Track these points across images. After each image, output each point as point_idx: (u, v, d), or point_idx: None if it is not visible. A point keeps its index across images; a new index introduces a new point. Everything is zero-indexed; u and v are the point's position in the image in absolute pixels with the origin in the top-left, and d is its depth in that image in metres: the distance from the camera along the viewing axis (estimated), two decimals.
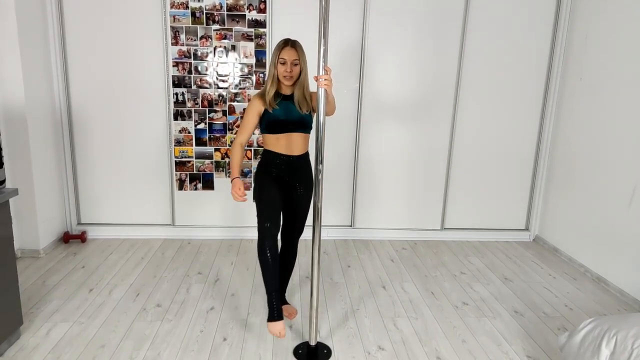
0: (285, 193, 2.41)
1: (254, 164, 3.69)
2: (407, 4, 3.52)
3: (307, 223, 3.72)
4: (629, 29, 3.01)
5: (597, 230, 3.26)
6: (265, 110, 2.33)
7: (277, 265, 2.28)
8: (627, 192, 2.98)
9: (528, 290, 3.05)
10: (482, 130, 3.79)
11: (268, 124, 2.34)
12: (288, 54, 2.26)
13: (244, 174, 3.72)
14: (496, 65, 3.67)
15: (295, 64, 2.28)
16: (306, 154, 2.46)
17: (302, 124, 2.37)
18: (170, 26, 3.43)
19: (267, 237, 2.24)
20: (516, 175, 3.92)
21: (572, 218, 3.55)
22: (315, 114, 2.40)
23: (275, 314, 2.25)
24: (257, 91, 2.57)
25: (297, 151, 2.38)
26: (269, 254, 2.23)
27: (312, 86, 2.37)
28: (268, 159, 2.40)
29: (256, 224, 2.40)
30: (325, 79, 2.01)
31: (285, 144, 2.36)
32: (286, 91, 2.37)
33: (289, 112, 2.34)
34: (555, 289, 3.09)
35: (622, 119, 3.05)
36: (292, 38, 2.33)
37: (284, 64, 2.27)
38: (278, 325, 2.24)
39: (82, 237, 3.60)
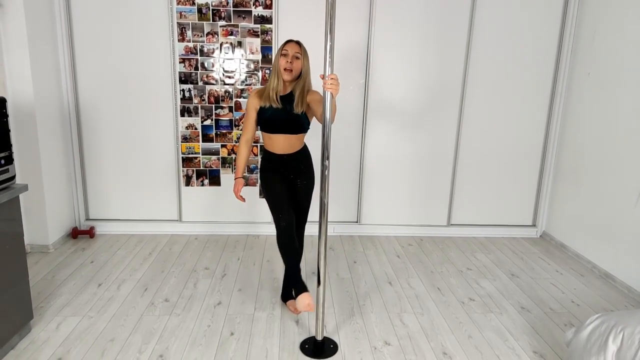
0: (288, 185, 2.49)
1: (260, 160, 3.70)
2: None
3: (313, 219, 3.77)
4: (638, 23, 2.98)
5: (605, 227, 3.24)
6: (261, 108, 2.38)
7: (296, 246, 2.40)
8: (635, 188, 2.96)
9: (535, 286, 3.05)
10: (489, 126, 3.77)
11: (262, 122, 2.41)
12: (290, 47, 2.32)
13: (250, 170, 3.73)
14: (503, 61, 3.65)
15: (297, 57, 2.32)
16: (302, 149, 2.51)
17: (296, 126, 2.39)
18: (177, 22, 3.44)
19: (283, 225, 2.35)
20: (523, 171, 3.90)
21: (579, 214, 3.53)
22: (306, 112, 2.40)
23: (303, 287, 2.35)
24: (256, 88, 2.63)
25: (290, 150, 2.45)
26: (287, 241, 2.36)
27: (317, 86, 2.36)
28: (266, 156, 2.50)
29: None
30: (332, 78, 1.97)
31: (278, 143, 2.42)
32: (283, 90, 2.38)
33: (283, 112, 2.36)
34: (562, 285, 3.08)
35: (631, 114, 3.02)
36: (297, 39, 2.38)
37: (285, 55, 2.31)
38: (307, 298, 2.28)
39: (90, 233, 3.63)
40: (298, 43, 2.35)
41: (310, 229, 3.80)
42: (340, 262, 3.35)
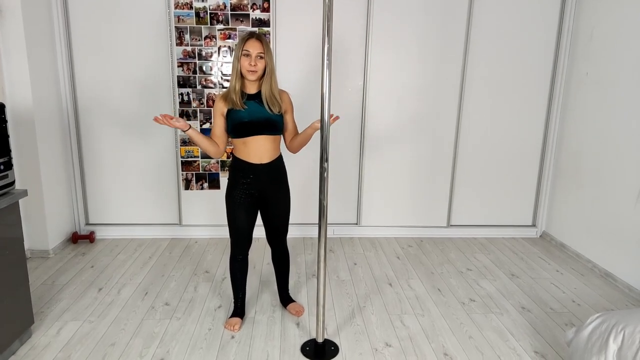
0: (257, 205, 2.39)
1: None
2: (411, 0, 3.51)
3: (313, 221, 3.77)
4: (635, 23, 2.99)
5: (605, 226, 3.24)
6: (229, 111, 2.21)
7: (244, 278, 2.54)
8: (634, 187, 2.97)
9: (535, 286, 3.05)
10: (488, 126, 3.78)
11: (233, 126, 2.22)
12: (252, 46, 2.14)
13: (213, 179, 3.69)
14: (502, 61, 3.66)
15: (260, 57, 2.15)
16: (277, 160, 2.36)
17: (270, 126, 2.23)
18: (175, 26, 3.45)
19: (237, 255, 2.46)
20: (522, 171, 3.90)
21: (579, 214, 3.54)
22: (282, 114, 2.31)
23: (238, 311, 2.54)
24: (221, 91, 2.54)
25: (266, 158, 2.28)
26: (237, 270, 2.49)
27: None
28: (236, 166, 2.31)
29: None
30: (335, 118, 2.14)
31: (252, 149, 2.25)
32: (251, 89, 2.23)
33: (255, 112, 2.21)
34: (562, 285, 3.09)
35: (629, 114, 3.03)
36: (257, 33, 2.25)
37: (247, 55, 2.14)
38: (236, 320, 2.49)
39: (90, 237, 3.63)
40: (259, 39, 2.16)
41: (310, 231, 3.83)
42: (340, 264, 3.35)
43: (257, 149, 2.27)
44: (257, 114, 2.22)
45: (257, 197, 2.36)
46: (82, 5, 3.38)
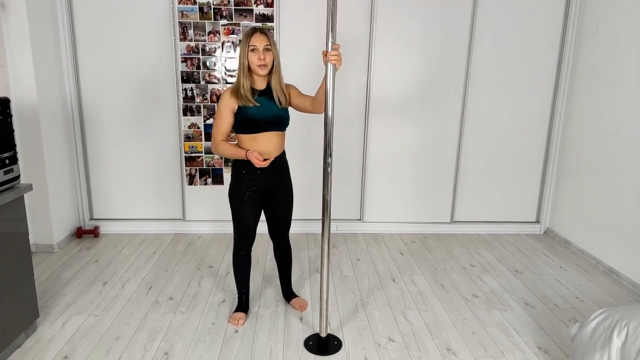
0: (262, 200, 2.38)
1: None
2: None
3: (316, 217, 3.78)
4: None
5: (609, 222, 3.23)
6: (239, 108, 2.18)
7: (248, 273, 2.55)
8: (638, 184, 2.95)
9: (539, 282, 3.04)
10: (492, 121, 3.77)
11: (243, 123, 2.20)
12: (258, 40, 2.13)
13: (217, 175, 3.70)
14: (506, 56, 3.64)
15: (267, 49, 2.14)
16: (283, 154, 2.37)
17: (280, 122, 2.25)
18: (179, 22, 3.45)
19: (241, 252, 2.48)
20: (526, 167, 3.89)
21: (583, 210, 3.52)
22: (288, 105, 2.31)
23: (242, 306, 2.55)
24: (228, 86, 2.51)
25: (274, 153, 2.28)
26: (241, 266, 2.51)
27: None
28: (243, 162, 2.26)
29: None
30: (335, 55, 1.95)
31: (262, 145, 2.23)
32: (260, 85, 2.23)
33: (266, 109, 2.20)
34: (566, 281, 3.08)
35: (634, 110, 3.01)
36: (260, 27, 2.24)
37: (254, 50, 2.13)
38: (240, 315, 2.50)
39: (94, 232, 3.65)
40: (264, 32, 2.15)
41: (313, 227, 3.83)
42: (343, 259, 3.35)
43: (266, 145, 2.26)
44: (268, 111, 2.22)
45: (263, 192, 2.37)
46: (86, 1, 3.38)
